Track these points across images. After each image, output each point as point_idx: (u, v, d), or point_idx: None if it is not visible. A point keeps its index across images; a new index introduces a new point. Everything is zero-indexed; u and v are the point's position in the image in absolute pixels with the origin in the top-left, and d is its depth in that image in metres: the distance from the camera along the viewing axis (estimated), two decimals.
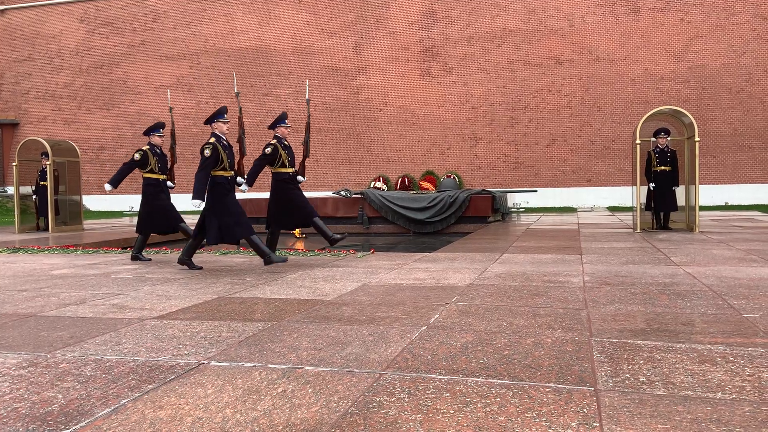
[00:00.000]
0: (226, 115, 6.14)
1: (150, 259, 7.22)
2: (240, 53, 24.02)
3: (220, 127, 6.13)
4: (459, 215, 12.18)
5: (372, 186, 14.29)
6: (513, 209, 17.00)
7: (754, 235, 8.88)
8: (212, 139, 6.02)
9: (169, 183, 7.32)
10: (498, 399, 2.27)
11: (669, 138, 10.42)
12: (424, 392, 2.36)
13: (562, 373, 2.56)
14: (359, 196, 12.88)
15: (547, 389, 2.37)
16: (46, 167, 13.00)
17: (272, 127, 6.97)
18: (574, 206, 20.49)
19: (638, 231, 10.02)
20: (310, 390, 2.41)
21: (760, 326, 3.33)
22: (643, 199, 10.44)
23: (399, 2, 22.35)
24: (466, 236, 10.15)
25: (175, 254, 7.96)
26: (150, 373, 2.67)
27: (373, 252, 7.76)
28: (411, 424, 2.05)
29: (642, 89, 20.17)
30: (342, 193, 13.14)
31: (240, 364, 2.79)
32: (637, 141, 9.96)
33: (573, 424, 2.02)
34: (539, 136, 21.13)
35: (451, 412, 2.15)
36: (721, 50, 19.38)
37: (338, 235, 6.85)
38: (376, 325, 3.51)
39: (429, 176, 17.73)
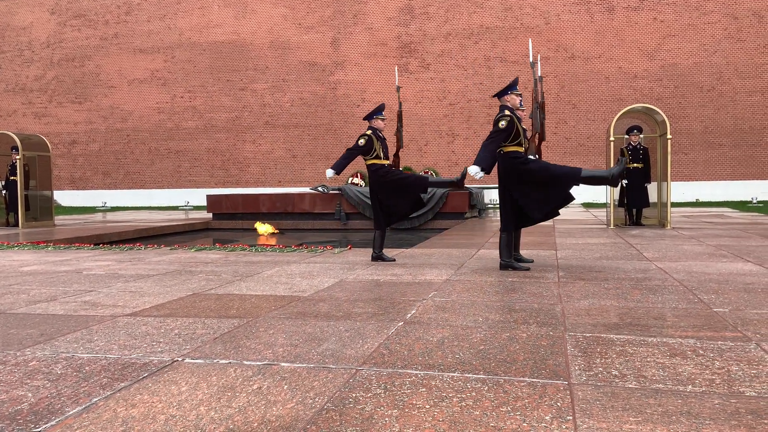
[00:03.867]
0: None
1: (394, 259, 6.29)
2: (216, 47, 23.75)
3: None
4: (436, 211, 12.21)
5: (349, 182, 14.27)
6: (489, 205, 17.12)
7: (723, 231, 9.07)
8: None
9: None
10: (473, 393, 2.28)
11: (642, 135, 10.59)
12: (400, 387, 2.36)
13: (537, 368, 2.59)
14: (337, 192, 12.85)
15: (522, 383, 2.39)
16: (16, 162, 12.72)
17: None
18: None
19: (611, 227, 10.16)
20: (285, 386, 2.39)
21: (729, 320, 3.40)
22: (617, 196, 10.60)
23: None
24: (443, 232, 10.19)
25: (150, 250, 7.85)
26: (122, 371, 2.63)
27: (350, 248, 7.75)
28: (387, 419, 2.05)
29: (616, 87, 20.45)
30: (319, 189, 13.10)
31: (215, 361, 2.76)
32: (611, 138, 10.10)
33: (547, 417, 2.04)
34: None
35: (427, 407, 2.16)
36: (693, 49, 19.73)
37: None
38: (352, 321, 3.50)
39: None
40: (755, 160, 19.65)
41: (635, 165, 10.41)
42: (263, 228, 11.67)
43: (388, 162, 6.23)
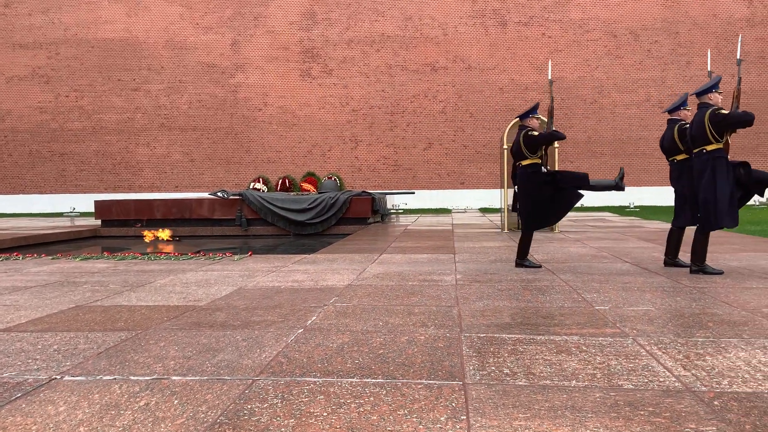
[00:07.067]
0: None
1: (540, 266, 5.99)
2: (105, 44, 22.44)
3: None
4: (339, 217, 12.22)
5: (251, 187, 13.93)
6: (392, 210, 17.37)
7: (605, 234, 9.74)
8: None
9: (543, 169, 6.05)
10: (371, 398, 2.29)
11: None
12: (298, 396, 2.32)
13: (434, 369, 2.64)
14: (237, 197, 12.52)
15: (419, 386, 2.42)
16: None
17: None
18: (449, 208, 21.35)
19: (506, 231, 10.63)
20: (176, 401, 2.28)
21: (609, 317, 3.65)
22: (510, 201, 11.09)
23: (278, 1, 22.04)
24: (346, 237, 10.20)
25: (29, 260, 7.24)
26: None
27: (250, 254, 7.56)
28: (283, 429, 2.00)
29: (509, 98, 21.47)
30: (219, 194, 12.70)
31: (98, 377, 2.58)
32: (504, 146, 10.57)
33: (442, 418, 2.08)
34: (417, 139, 21.78)
35: (325, 414, 2.13)
36: (577, 64, 21.12)
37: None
38: (250, 330, 3.41)
39: (310, 177, 17.61)
40: (632, 168, 21.32)
41: None
42: (155, 235, 11.13)
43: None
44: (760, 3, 20.83)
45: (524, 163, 5.95)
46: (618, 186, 6.10)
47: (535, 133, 5.88)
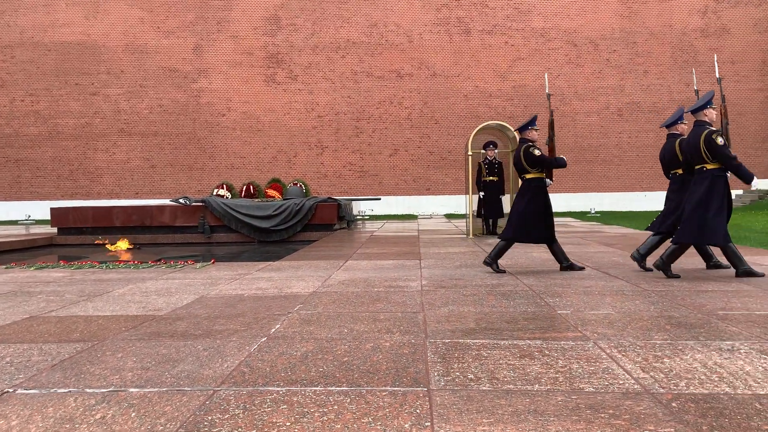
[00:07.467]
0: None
1: (583, 268, 6.09)
2: (62, 48, 21.87)
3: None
4: (305, 223, 12.13)
5: (214, 193, 13.72)
6: (358, 217, 17.35)
7: (566, 239, 9.91)
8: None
9: (547, 180, 6.18)
10: (336, 407, 2.26)
11: (497, 150, 11.31)
12: (260, 406, 2.28)
13: (399, 376, 2.63)
14: (200, 204, 12.31)
15: (384, 393, 2.41)
16: None
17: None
18: (416, 213, 21.44)
19: (471, 237, 10.72)
20: (133, 414, 2.21)
21: (570, 321, 3.70)
22: (475, 207, 11.21)
23: (242, 6, 21.85)
24: (312, 244, 10.14)
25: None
26: None
27: (213, 262, 7.44)
28: None
29: (473, 104, 21.72)
30: (181, 200, 12.47)
31: (52, 390, 2.49)
32: (469, 153, 10.68)
33: (406, 425, 2.07)
34: (382, 145, 21.83)
35: (288, 424, 2.10)
36: (540, 72, 21.51)
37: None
38: (212, 339, 3.34)
39: (275, 184, 17.45)
40: (593, 175, 21.80)
41: (491, 178, 11.08)
42: (114, 244, 10.86)
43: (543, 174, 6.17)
44: (714, 15, 21.60)
45: (528, 176, 6.06)
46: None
47: (537, 153, 5.96)
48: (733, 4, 21.57)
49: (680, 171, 5.97)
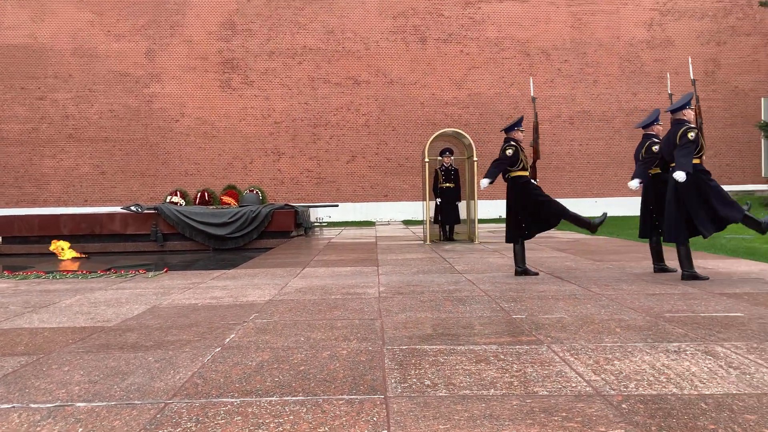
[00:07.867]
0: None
1: (537, 273, 6.21)
2: (8, 50, 21.07)
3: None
4: (261, 230, 11.97)
5: (168, 200, 13.41)
6: (316, 224, 17.24)
7: None
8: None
9: (533, 181, 6.22)
10: (291, 417, 2.23)
11: (453, 157, 11.45)
12: (213, 418, 2.23)
13: (356, 384, 2.61)
14: (152, 211, 12.01)
15: (341, 401, 2.39)
16: None
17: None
18: (373, 220, 21.46)
19: (428, 243, 10.79)
20: (80, 429, 2.13)
21: (525, 326, 3.76)
22: (432, 213, 11.30)
23: (196, 10, 21.51)
24: (269, 251, 10.02)
25: None
26: None
27: (166, 271, 7.27)
28: None
29: (430, 112, 21.93)
30: (132, 208, 12.13)
31: None
32: (426, 159, 10.77)
33: None
34: (340, 152, 21.79)
35: None
36: (494, 80, 21.89)
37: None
38: (164, 351, 3.26)
39: (231, 191, 17.17)
40: (545, 182, 22.12)
41: (447, 185, 11.20)
42: (59, 245, 10.48)
43: (527, 173, 6.30)
44: (659, 27, 22.43)
45: (512, 174, 6.20)
46: (593, 227, 6.29)
47: (509, 152, 6.13)
48: (677, 17, 22.46)
49: (653, 171, 6.17)
